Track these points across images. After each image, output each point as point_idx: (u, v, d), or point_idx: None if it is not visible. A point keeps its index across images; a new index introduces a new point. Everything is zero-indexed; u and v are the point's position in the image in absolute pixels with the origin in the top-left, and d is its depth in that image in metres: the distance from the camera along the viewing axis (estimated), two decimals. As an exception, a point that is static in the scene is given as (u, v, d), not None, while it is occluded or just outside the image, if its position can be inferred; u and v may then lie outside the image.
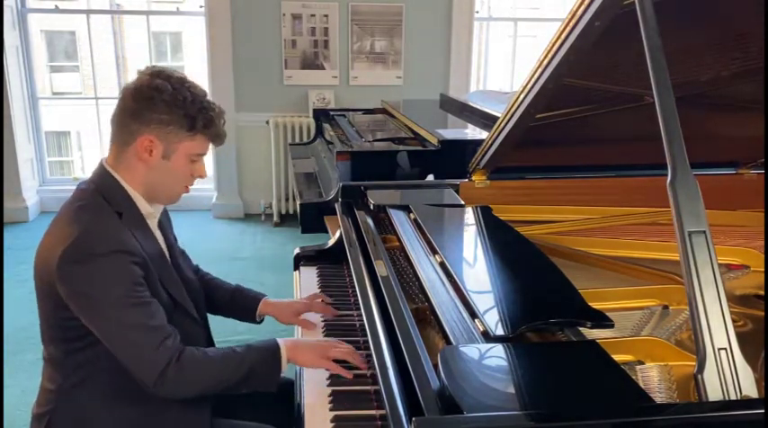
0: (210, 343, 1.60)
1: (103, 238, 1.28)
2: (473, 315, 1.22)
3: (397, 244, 1.73)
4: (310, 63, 4.86)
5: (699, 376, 0.96)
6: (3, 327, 2.60)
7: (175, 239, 1.59)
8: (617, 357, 1.09)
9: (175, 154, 1.37)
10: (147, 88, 1.33)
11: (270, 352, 1.36)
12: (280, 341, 1.38)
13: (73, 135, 11.20)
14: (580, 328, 1.19)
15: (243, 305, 1.69)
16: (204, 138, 1.39)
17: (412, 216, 1.79)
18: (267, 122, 4.77)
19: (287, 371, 1.42)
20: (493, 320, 1.17)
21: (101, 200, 1.35)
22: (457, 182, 2.10)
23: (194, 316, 1.49)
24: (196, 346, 1.35)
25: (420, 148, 2.76)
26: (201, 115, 1.36)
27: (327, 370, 1.36)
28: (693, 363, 0.99)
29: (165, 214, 1.53)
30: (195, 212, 5.03)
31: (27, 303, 3.44)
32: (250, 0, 4.69)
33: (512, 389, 0.98)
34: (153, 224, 1.44)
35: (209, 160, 4.73)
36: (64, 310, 1.29)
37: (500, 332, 1.13)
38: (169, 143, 1.35)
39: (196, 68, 9.98)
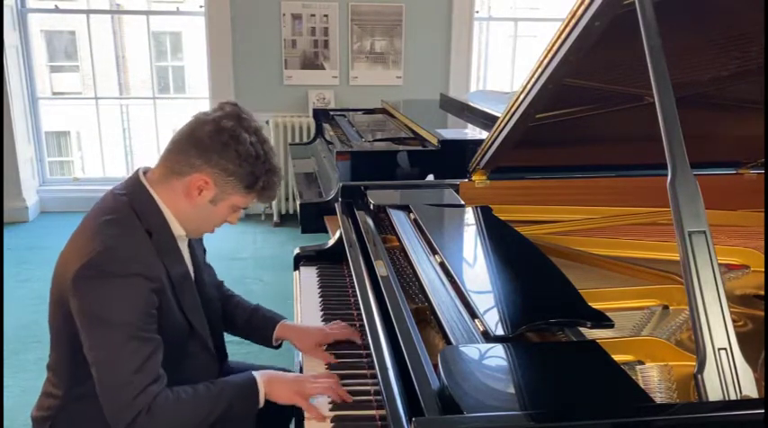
0: (224, 372, 1.56)
1: (126, 258, 1.24)
2: (473, 315, 1.22)
3: (397, 244, 1.73)
4: (310, 63, 4.86)
5: (699, 376, 0.96)
6: (3, 327, 2.60)
7: (204, 251, 1.57)
8: (617, 357, 1.09)
9: (223, 202, 1.35)
10: (228, 134, 1.29)
11: (246, 389, 1.31)
12: (256, 375, 1.33)
13: (73, 135, 11.20)
14: (580, 328, 1.19)
15: (259, 327, 1.62)
16: (255, 196, 1.37)
17: (412, 216, 1.79)
18: (267, 122, 4.77)
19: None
20: (493, 320, 1.17)
21: (132, 216, 1.30)
22: (457, 182, 2.10)
23: (209, 346, 1.45)
24: (206, 377, 1.31)
25: (420, 148, 2.76)
26: (265, 177, 1.34)
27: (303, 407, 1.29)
28: (693, 363, 0.99)
29: None
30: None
31: (27, 303, 3.46)
32: (250, 0, 4.69)
33: (512, 389, 0.98)
34: (183, 245, 1.41)
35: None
36: (73, 322, 1.26)
37: (500, 332, 1.13)
38: (222, 191, 1.33)
39: (196, 68, 10.00)
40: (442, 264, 1.46)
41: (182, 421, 1.25)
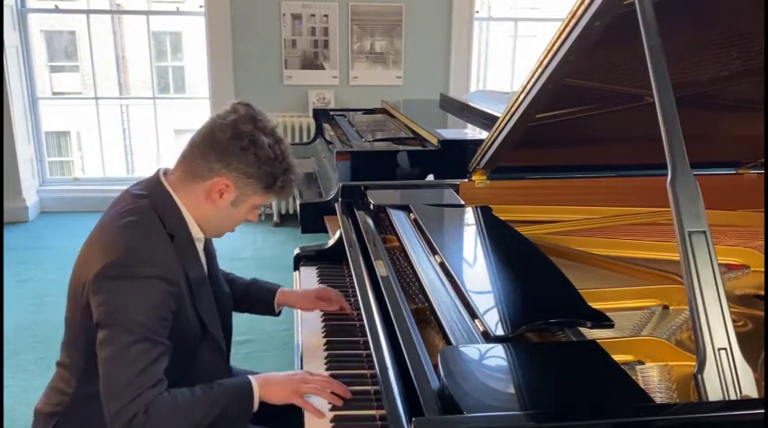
0: (228, 372, 1.56)
1: (148, 261, 1.26)
2: (473, 315, 1.22)
3: (397, 244, 1.73)
4: (310, 63, 4.86)
5: (699, 376, 0.96)
6: (3, 327, 2.60)
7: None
8: (617, 357, 1.09)
9: (244, 203, 1.38)
10: (248, 138, 1.31)
11: (242, 391, 1.31)
12: (251, 378, 1.34)
13: (73, 135, 11.20)
14: (580, 328, 1.19)
15: (259, 297, 1.69)
16: (274, 195, 1.40)
17: (412, 216, 1.79)
18: (267, 122, 4.76)
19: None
20: (493, 320, 1.17)
21: (155, 219, 1.32)
22: (457, 182, 2.10)
23: (221, 347, 1.47)
24: (217, 379, 1.32)
25: (420, 148, 2.76)
26: (283, 177, 1.36)
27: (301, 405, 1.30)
28: (693, 363, 0.99)
29: None
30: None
31: (27, 303, 3.46)
32: (250, 0, 4.69)
33: (512, 389, 0.98)
34: (200, 247, 1.43)
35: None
36: (91, 320, 1.27)
37: (500, 332, 1.13)
38: (243, 193, 1.36)
39: (196, 68, 10.00)
40: (442, 264, 1.46)
41: (177, 423, 1.25)
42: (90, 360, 1.32)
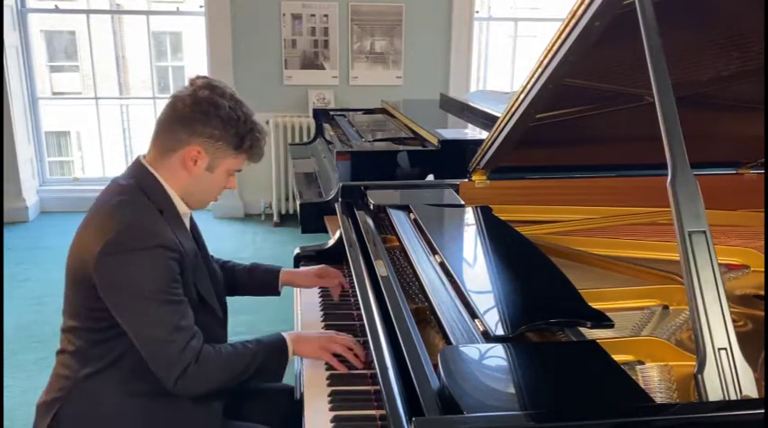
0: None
1: (146, 233, 1.31)
2: (473, 315, 1.22)
3: (397, 244, 1.73)
4: (310, 63, 4.86)
5: (699, 376, 0.96)
6: (3, 327, 2.60)
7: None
8: (617, 357, 1.09)
9: (218, 168, 1.42)
10: (206, 102, 1.37)
11: (277, 346, 1.43)
12: (285, 334, 1.45)
13: (73, 135, 11.20)
14: (580, 328, 1.19)
15: (261, 278, 1.75)
16: (245, 156, 1.45)
17: (412, 216, 1.79)
18: (267, 122, 4.76)
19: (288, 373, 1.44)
20: (493, 320, 1.17)
21: (143, 197, 1.38)
22: (457, 182, 2.10)
23: (219, 317, 1.52)
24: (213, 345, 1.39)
25: (420, 148, 2.76)
26: (250, 136, 1.42)
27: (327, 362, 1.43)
28: (693, 363, 0.99)
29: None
30: (195, 212, 5.02)
31: (27, 303, 3.46)
32: (250, 0, 4.69)
33: (512, 389, 0.98)
34: (187, 222, 1.49)
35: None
36: (95, 301, 1.31)
37: (500, 332, 1.13)
38: (215, 157, 1.41)
39: (196, 68, 9.98)
40: (442, 264, 1.46)
41: (222, 375, 1.36)
42: (93, 341, 1.37)
